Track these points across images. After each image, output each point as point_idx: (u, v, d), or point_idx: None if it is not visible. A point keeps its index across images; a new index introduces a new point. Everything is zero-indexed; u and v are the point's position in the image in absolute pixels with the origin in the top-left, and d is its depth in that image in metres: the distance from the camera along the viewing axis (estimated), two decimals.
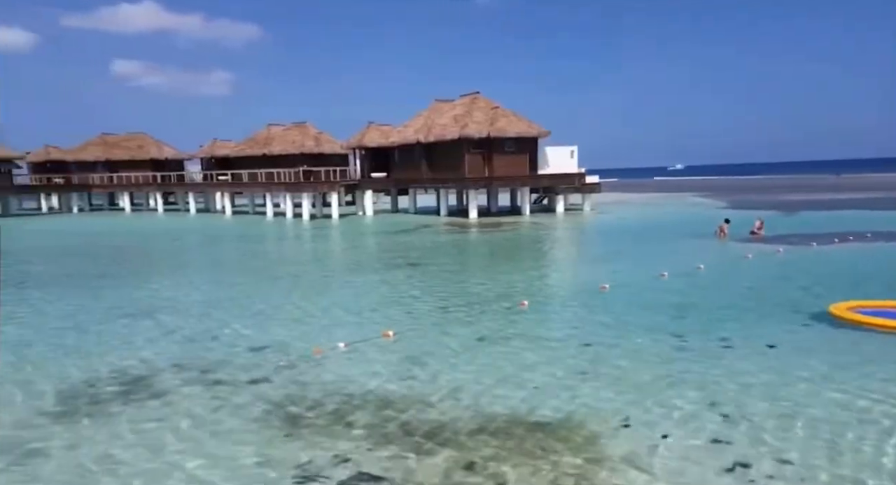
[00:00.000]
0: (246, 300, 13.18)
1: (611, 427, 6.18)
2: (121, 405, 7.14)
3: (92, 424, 6.64)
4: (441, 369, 8.19)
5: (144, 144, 60.52)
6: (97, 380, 8.04)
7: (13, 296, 14.09)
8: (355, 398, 7.23)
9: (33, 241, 29.25)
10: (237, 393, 7.50)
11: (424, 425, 6.38)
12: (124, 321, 11.32)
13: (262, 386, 7.73)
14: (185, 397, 7.36)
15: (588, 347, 8.94)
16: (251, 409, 6.97)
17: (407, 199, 42.99)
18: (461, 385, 7.56)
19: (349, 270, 17.73)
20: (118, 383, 7.91)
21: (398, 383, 7.73)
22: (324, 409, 6.94)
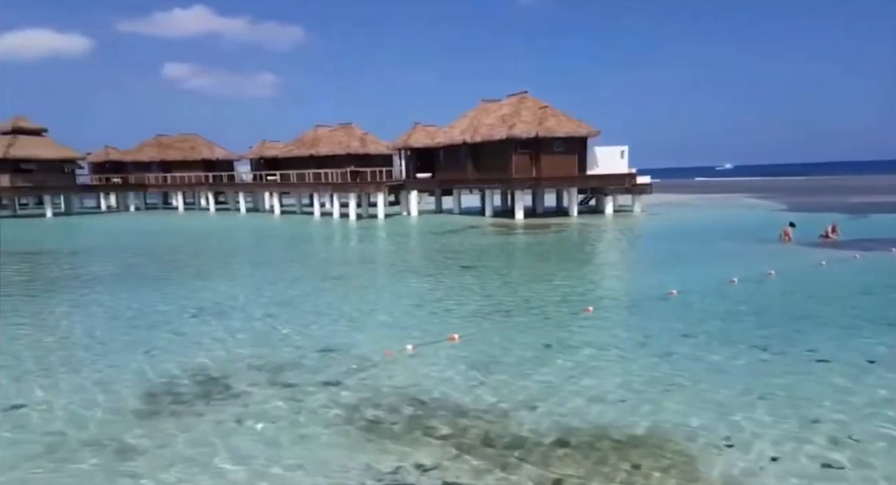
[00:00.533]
0: (306, 301, 13.28)
1: (702, 445, 5.84)
2: (203, 406, 7.21)
3: (178, 424, 6.73)
4: (512, 377, 7.98)
5: (196, 145, 62.43)
6: (176, 379, 8.17)
7: (83, 294, 14.62)
8: (430, 404, 7.10)
9: (96, 239, 30.46)
10: (313, 396, 7.48)
11: (504, 437, 6.19)
12: (192, 321, 11.54)
13: (336, 389, 7.69)
14: (262, 399, 7.38)
15: (665, 357, 8.56)
16: (329, 413, 6.92)
17: (451, 199, 42.93)
18: (535, 395, 7.33)
19: (403, 271, 17.69)
20: (196, 383, 8.01)
21: (471, 389, 7.56)
22: (401, 414, 6.83)
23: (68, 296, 14.49)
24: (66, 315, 12.36)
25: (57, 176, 47.57)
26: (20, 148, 45.25)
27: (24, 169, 45.27)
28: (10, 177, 44.83)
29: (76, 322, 11.66)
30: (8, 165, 44.56)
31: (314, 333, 10.43)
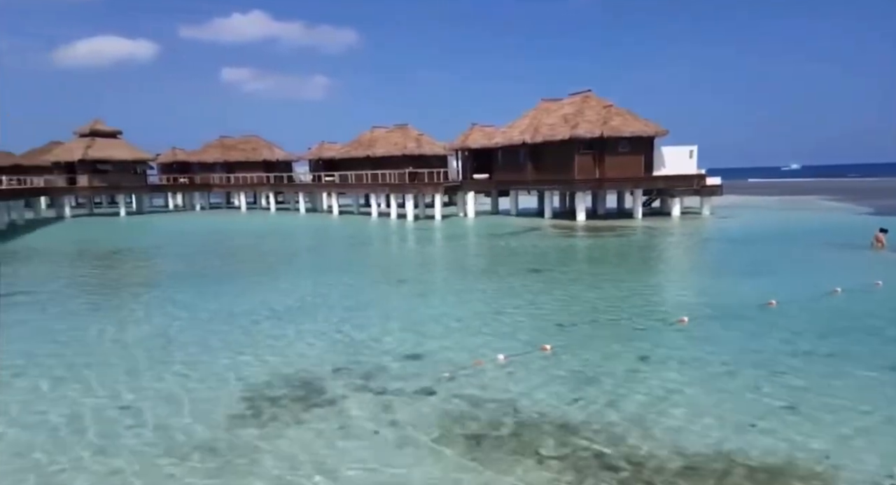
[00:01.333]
0: (379, 304, 13.17)
1: (853, 481, 5.23)
2: (302, 411, 7.13)
3: (280, 429, 6.66)
4: (613, 392, 7.52)
5: (258, 147, 64.25)
6: (270, 383, 8.14)
7: (163, 294, 14.99)
8: (532, 419, 6.75)
9: (170, 238, 31.63)
10: (408, 405, 7.27)
11: (621, 459, 5.77)
12: (271, 323, 11.60)
13: (430, 399, 7.46)
14: (358, 406, 7.23)
15: (781, 376, 7.89)
16: (428, 424, 6.68)
17: (507, 200, 42.38)
18: (642, 413, 6.86)
19: (471, 274, 17.38)
20: (291, 387, 7.96)
21: (573, 405, 7.16)
22: (503, 429, 6.52)
23: (149, 295, 14.93)
24: (148, 316, 12.66)
25: (130, 176, 49.92)
26: (97, 150, 47.73)
27: (100, 170, 47.72)
28: (89, 177, 47.35)
29: (160, 324, 11.91)
30: (86, 166, 47.07)
31: (394, 338, 10.26)
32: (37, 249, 25.47)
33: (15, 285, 16.06)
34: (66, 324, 11.80)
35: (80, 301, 14.29)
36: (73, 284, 16.86)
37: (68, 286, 16.43)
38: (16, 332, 11.22)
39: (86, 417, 7.09)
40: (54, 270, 19.67)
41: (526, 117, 38.03)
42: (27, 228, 37.42)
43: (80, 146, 47.86)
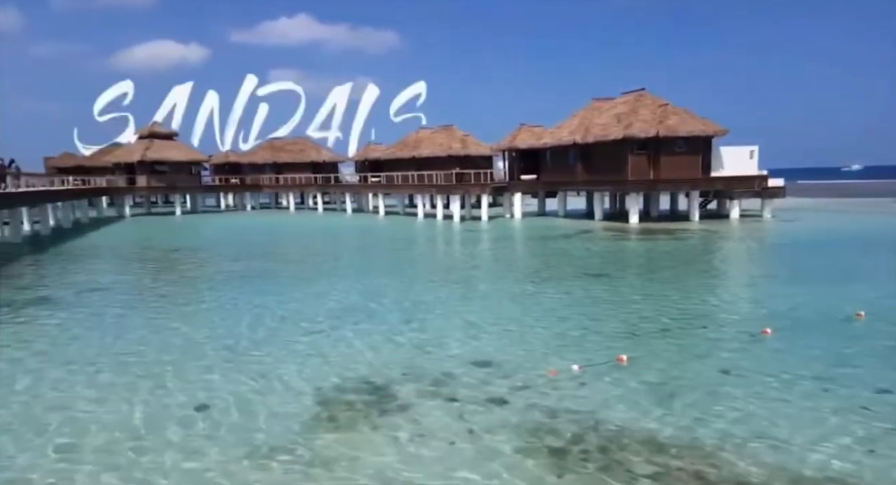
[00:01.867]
0: (438, 306, 13.00)
1: None
2: (376, 417, 7.00)
3: (357, 435, 6.55)
4: (699, 407, 7.10)
5: (305, 148, 65.43)
6: (340, 386, 8.06)
7: (224, 295, 15.21)
8: (616, 434, 6.40)
9: (227, 237, 32.45)
10: (483, 415, 7.03)
11: (724, 482, 5.35)
12: (333, 323, 11.58)
13: (505, 408, 7.20)
14: (432, 414, 7.05)
15: (886, 394, 7.26)
16: (507, 436, 6.43)
17: (554, 201, 41.70)
18: (733, 430, 6.43)
19: (528, 277, 17.01)
20: (361, 391, 7.85)
21: (658, 420, 6.76)
22: (587, 444, 6.20)
23: (212, 295, 15.18)
24: (213, 315, 12.87)
25: (185, 177, 51.65)
26: (155, 151, 49.59)
27: (158, 170, 49.55)
28: (147, 177, 49.24)
29: (225, 323, 12.07)
30: (145, 167, 48.97)
31: (458, 343, 10.05)
32: (103, 247, 26.52)
33: (88, 283, 16.68)
34: (138, 321, 12.11)
35: (148, 300, 14.70)
36: (141, 281, 17.40)
37: (137, 284, 16.97)
38: (91, 328, 11.57)
39: (164, 416, 7.15)
40: (123, 268, 20.41)
41: (576, 117, 37.30)
42: (91, 226, 39.13)
43: (139, 148, 49.85)
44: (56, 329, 11.54)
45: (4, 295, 14.73)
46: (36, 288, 15.65)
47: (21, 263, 20.98)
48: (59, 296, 14.53)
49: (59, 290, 15.48)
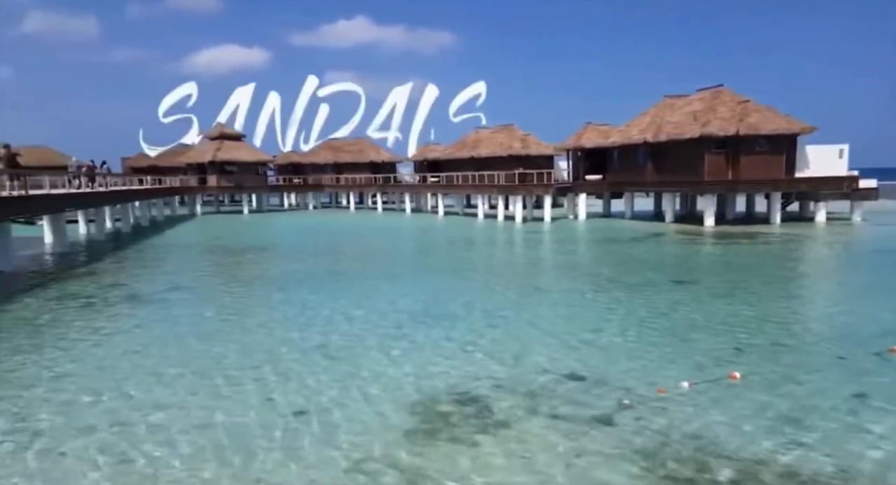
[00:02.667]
0: (519, 313, 12.53)
1: None
2: (477, 433, 6.62)
3: (461, 452, 6.20)
4: (838, 436, 6.34)
5: (364, 148, 66.32)
6: (433, 396, 7.74)
7: (304, 297, 15.26)
8: (745, 464, 5.76)
9: (295, 236, 33.11)
10: (589, 435, 6.53)
11: None
12: (415, 328, 11.32)
13: (613, 429, 6.67)
14: (536, 432, 6.60)
15: None
16: (621, 461, 5.90)
17: (620, 202, 40.36)
18: (883, 470, 5.62)
19: (605, 283, 16.21)
20: (457, 404, 7.50)
21: (791, 450, 6.06)
22: (716, 475, 5.58)
23: (292, 295, 15.23)
24: (294, 317, 12.84)
25: (253, 177, 53.31)
26: (225, 152, 51.41)
27: (227, 170, 51.35)
28: (217, 177, 51.11)
29: (306, 324, 12.03)
30: (215, 167, 50.86)
31: (547, 353, 9.54)
32: (181, 245, 27.51)
33: (171, 281, 17.18)
34: (224, 321, 12.26)
35: (231, 299, 14.91)
36: (223, 281, 17.79)
37: (219, 283, 17.34)
38: (178, 328, 11.78)
39: (258, 422, 7.03)
40: (203, 267, 21.00)
41: (647, 115, 35.87)
42: (167, 224, 40.92)
43: (210, 149, 51.81)
44: (143, 330, 11.82)
45: (99, 292, 15.35)
46: (125, 286, 16.24)
47: (108, 261, 21.97)
48: (146, 294, 14.98)
49: (146, 286, 16.00)
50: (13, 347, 10.19)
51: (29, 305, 13.66)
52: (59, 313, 12.76)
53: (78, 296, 14.60)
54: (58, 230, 23.59)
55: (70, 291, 15.18)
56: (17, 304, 13.73)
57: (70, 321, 12.04)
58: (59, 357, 9.58)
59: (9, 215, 18.10)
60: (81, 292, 15.05)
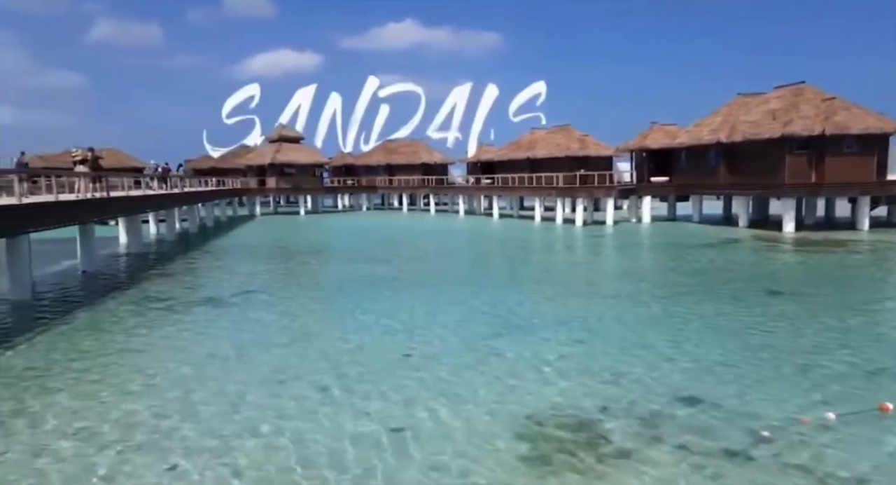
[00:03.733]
0: (606, 326, 11.81)
1: None
2: (596, 463, 6.05)
3: (585, 481, 5.63)
4: None
5: (417, 150, 66.33)
6: (537, 419, 7.19)
7: (381, 306, 14.99)
8: None
9: (353, 238, 33.21)
10: (727, 471, 5.83)
11: None
12: (499, 341, 10.80)
13: (755, 464, 5.95)
14: (664, 467, 5.96)
15: None
16: None
17: (686, 205, 38.63)
18: None
19: (691, 293, 15.19)
20: (565, 428, 6.93)
21: None
22: None
23: (365, 302, 15.00)
24: (371, 326, 12.54)
25: (310, 178, 54.21)
26: (284, 154, 52.46)
27: (286, 172, 52.38)
28: (276, 179, 52.20)
29: (386, 333, 11.71)
30: (274, 169, 51.95)
31: (650, 373, 8.82)
32: (247, 246, 27.97)
33: (244, 284, 17.29)
34: (297, 330, 12.10)
35: (304, 304, 14.81)
36: (294, 285, 17.78)
37: (290, 287, 17.32)
38: (257, 335, 11.68)
39: (351, 440, 6.67)
40: (271, 268, 21.10)
41: (718, 114, 34.16)
42: (230, 225, 41.99)
43: (269, 151, 52.99)
44: (225, 338, 11.78)
45: (178, 293, 15.58)
46: (201, 288, 16.45)
47: (181, 262, 22.48)
48: (222, 298, 15.06)
49: (221, 290, 16.12)
50: (113, 348, 10.30)
51: (117, 306, 13.94)
52: (147, 317, 12.93)
53: (159, 298, 14.82)
54: (133, 231, 24.37)
55: (151, 293, 15.44)
56: (107, 304, 14.04)
57: (160, 325, 12.16)
58: (148, 361, 9.59)
59: (94, 217, 18.73)
60: (162, 295, 15.29)
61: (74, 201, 17.34)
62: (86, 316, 12.78)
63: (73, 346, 10.46)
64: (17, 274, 14.46)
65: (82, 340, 10.84)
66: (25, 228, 14.43)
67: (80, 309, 13.47)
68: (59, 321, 12.28)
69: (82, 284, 17.31)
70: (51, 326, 11.92)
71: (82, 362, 9.50)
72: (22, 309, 13.70)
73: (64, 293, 15.83)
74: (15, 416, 7.42)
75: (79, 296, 15.38)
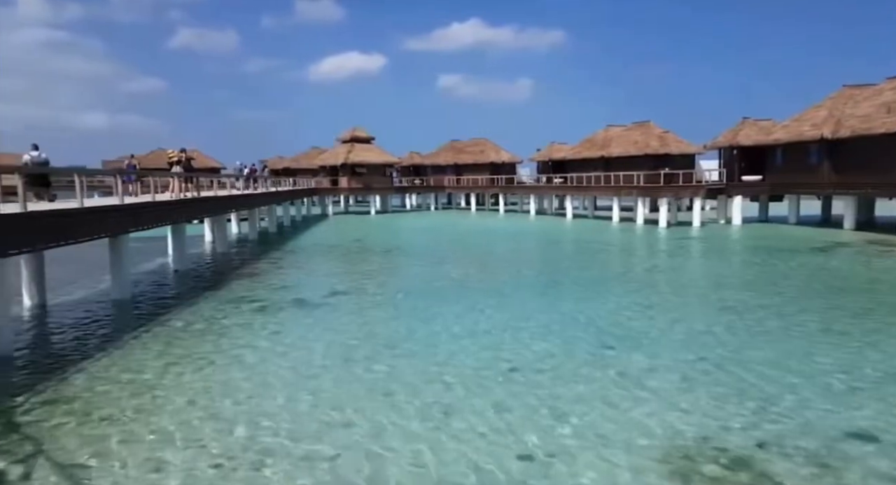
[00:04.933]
0: (733, 341, 10.64)
1: None
2: None
3: None
4: None
5: (485, 149, 65.56)
6: (684, 451, 6.32)
7: (466, 308, 14.40)
8: None
9: (429, 237, 32.90)
10: None
11: None
12: (616, 354, 9.92)
13: None
14: None
15: None
16: None
17: (777, 206, 35.90)
18: None
19: (826, 308, 13.46)
20: (718, 464, 6.04)
21: None
22: None
23: (450, 307, 14.46)
24: (466, 334, 11.94)
25: (381, 178, 54.65)
26: (356, 154, 53.12)
27: (358, 172, 53.01)
28: (348, 179, 52.94)
29: (486, 346, 11.08)
30: (347, 169, 52.68)
31: (802, 397, 7.73)
32: (326, 246, 28.13)
33: (331, 286, 17.18)
34: (397, 337, 11.68)
35: (393, 309, 14.42)
36: (378, 287, 17.41)
37: (376, 290, 16.99)
38: (351, 341, 11.34)
39: (483, 464, 6.04)
40: (355, 269, 20.99)
41: (821, 108, 31.37)
42: (305, 224, 42.82)
43: (342, 151, 53.81)
44: (319, 342, 11.52)
45: (269, 295, 15.62)
46: (289, 289, 16.43)
47: (266, 262, 22.79)
48: (312, 299, 14.93)
49: (310, 292, 16.04)
50: (216, 353, 10.24)
51: (212, 306, 14.08)
52: (242, 317, 12.93)
53: (250, 299, 14.88)
54: (220, 230, 25.03)
55: (240, 294, 15.55)
56: (202, 306, 14.20)
57: (257, 327, 12.10)
58: (251, 370, 9.40)
59: (188, 217, 19.25)
60: (252, 295, 15.36)
61: (172, 201, 17.82)
62: (185, 318, 12.90)
63: (182, 349, 10.48)
64: (118, 273, 14.91)
65: (188, 344, 10.86)
66: (127, 227, 14.86)
67: (178, 310, 13.66)
68: (160, 322, 12.45)
69: (176, 283, 17.75)
70: (150, 327, 12.08)
71: (181, 366, 9.44)
72: (123, 308, 14.07)
73: (160, 293, 16.24)
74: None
75: (174, 296, 15.70)
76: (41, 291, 14.27)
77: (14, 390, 8.35)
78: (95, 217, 12.95)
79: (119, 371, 9.18)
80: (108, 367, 9.39)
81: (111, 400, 8.00)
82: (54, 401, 7.96)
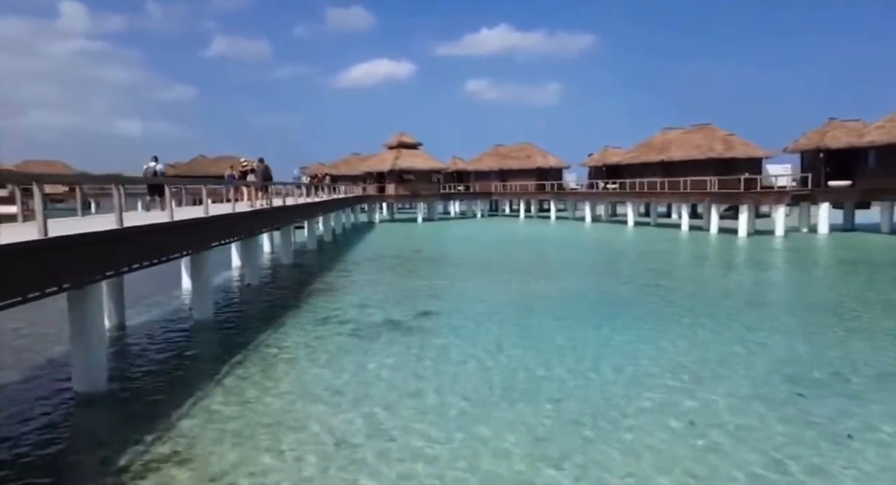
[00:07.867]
0: (866, 378, 8.72)
1: None
2: None
3: None
4: None
5: (531, 154, 63.78)
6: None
7: (568, 332, 12.77)
8: None
9: (486, 247, 31.33)
10: None
11: None
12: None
13: None
14: None
15: None
16: None
17: (870, 214, 33.19)
18: None
19: None
20: None
21: None
22: None
23: (550, 329, 12.83)
24: (579, 360, 10.31)
25: (428, 184, 53.33)
26: (403, 160, 51.95)
27: (405, 178, 51.83)
28: (395, 185, 51.79)
29: (615, 370, 9.42)
30: (394, 176, 51.54)
31: None
32: (389, 256, 26.72)
33: (414, 304, 15.70)
34: (509, 364, 10.10)
35: (497, 332, 12.84)
36: (469, 305, 15.98)
37: (466, 309, 15.52)
38: (462, 372, 9.80)
39: None
40: (431, 285, 19.47)
41: None
42: (356, 233, 41.69)
43: (389, 157, 52.73)
44: (423, 374, 10.00)
45: (356, 316, 14.24)
46: (374, 308, 14.95)
47: (335, 274, 21.45)
48: (402, 320, 13.48)
49: (395, 310, 14.59)
50: (311, 385, 8.82)
51: (300, 328, 12.74)
52: (335, 342, 11.54)
53: (338, 320, 13.50)
54: (285, 240, 23.91)
55: (324, 314, 14.15)
56: (290, 328, 12.87)
57: (358, 353, 10.67)
58: (363, 405, 7.92)
59: (263, 228, 18.08)
60: (338, 315, 13.98)
61: (249, 212, 16.65)
62: (278, 343, 11.56)
63: (288, 384, 9.10)
64: (201, 291, 13.73)
65: (286, 374, 9.49)
66: (209, 242, 13.67)
67: (267, 332, 12.35)
68: (253, 349, 11.13)
69: (252, 299, 16.55)
70: (246, 354, 10.76)
71: (302, 403, 8.02)
72: (208, 330, 12.85)
73: (240, 311, 15.03)
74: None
75: (257, 315, 14.43)
76: (120, 310, 13.15)
77: (103, 436, 7.04)
78: (185, 232, 11.76)
79: (236, 408, 7.81)
80: (221, 405, 8.03)
81: (239, 452, 6.59)
82: (169, 457, 6.60)
